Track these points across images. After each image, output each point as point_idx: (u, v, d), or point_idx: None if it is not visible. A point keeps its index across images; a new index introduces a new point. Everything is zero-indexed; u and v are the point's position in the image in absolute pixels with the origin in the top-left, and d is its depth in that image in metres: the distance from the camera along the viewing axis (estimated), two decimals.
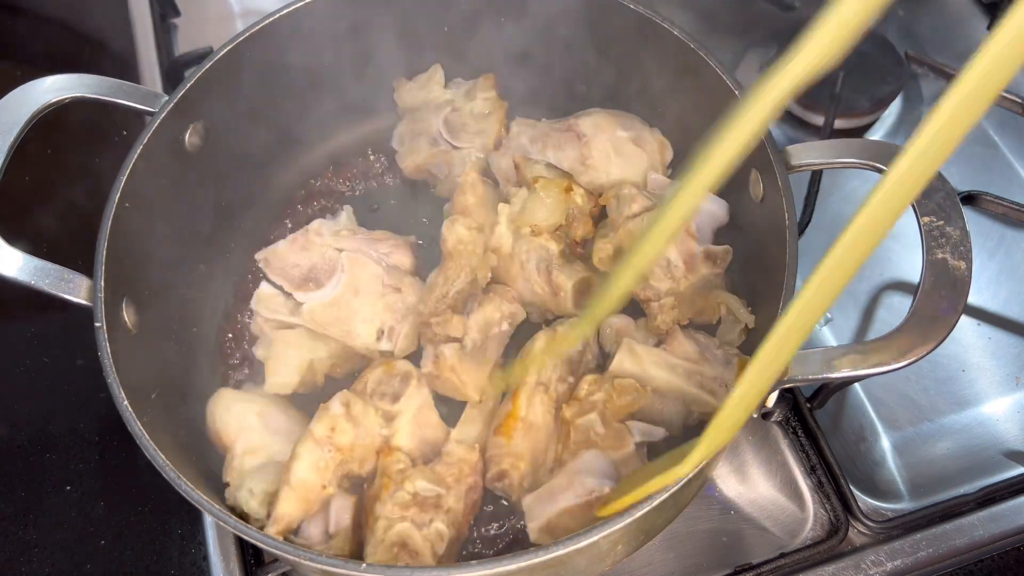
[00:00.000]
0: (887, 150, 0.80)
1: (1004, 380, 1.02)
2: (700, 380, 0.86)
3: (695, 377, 0.86)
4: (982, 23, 1.29)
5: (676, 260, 0.89)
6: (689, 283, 0.89)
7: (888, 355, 0.70)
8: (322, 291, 0.89)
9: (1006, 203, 1.05)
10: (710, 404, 0.85)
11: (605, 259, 0.92)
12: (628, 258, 0.73)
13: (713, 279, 0.92)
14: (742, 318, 0.90)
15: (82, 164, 1.18)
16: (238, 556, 0.90)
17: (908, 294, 1.07)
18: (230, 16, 1.34)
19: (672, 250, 0.88)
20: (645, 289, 0.90)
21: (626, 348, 0.87)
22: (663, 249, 0.84)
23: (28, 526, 0.95)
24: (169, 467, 0.72)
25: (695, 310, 0.92)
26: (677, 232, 0.81)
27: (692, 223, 0.90)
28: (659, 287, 0.89)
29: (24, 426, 1.01)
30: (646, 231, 0.71)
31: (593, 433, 0.84)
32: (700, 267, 0.89)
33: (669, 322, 0.90)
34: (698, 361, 0.88)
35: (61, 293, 0.79)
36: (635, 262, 0.72)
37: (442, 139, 1.04)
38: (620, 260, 0.89)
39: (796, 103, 1.20)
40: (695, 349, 0.89)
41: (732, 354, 0.90)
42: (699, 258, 0.89)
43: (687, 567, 0.91)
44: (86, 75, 0.87)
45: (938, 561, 0.89)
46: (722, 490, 0.95)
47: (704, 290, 0.92)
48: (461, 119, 1.05)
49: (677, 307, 0.90)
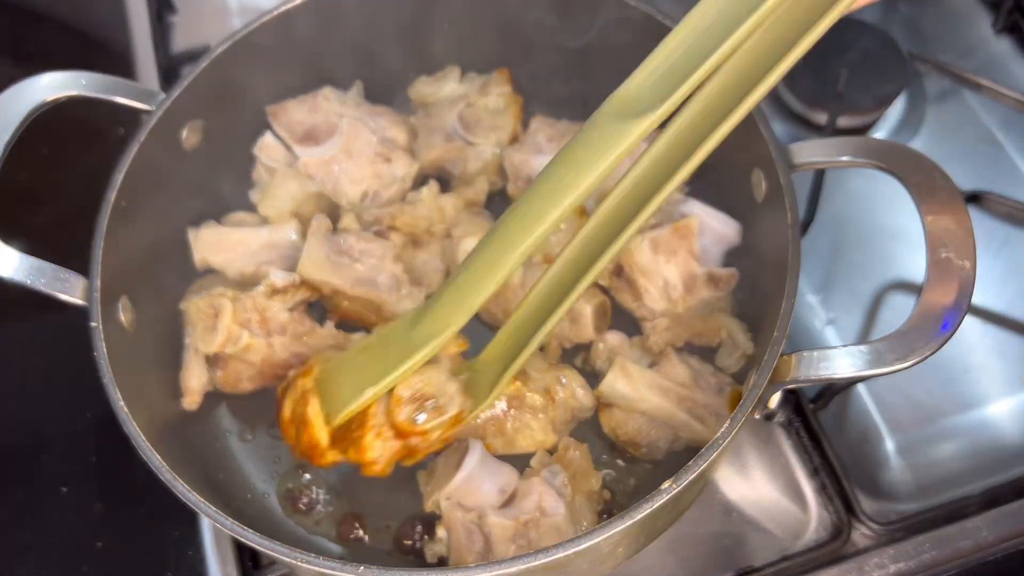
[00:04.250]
0: (891, 149, 0.79)
1: (1009, 380, 1.02)
2: (691, 406, 0.85)
3: (686, 403, 0.85)
4: (986, 21, 1.28)
5: (675, 281, 0.87)
6: (687, 306, 0.87)
7: (892, 355, 0.69)
8: (320, 148, 0.97)
9: (1011, 202, 1.05)
10: (699, 432, 0.84)
11: (605, 273, 0.91)
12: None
13: (715, 302, 0.90)
14: (741, 345, 0.88)
15: (78, 162, 1.18)
16: (235, 558, 0.89)
17: (912, 294, 1.07)
18: (227, 13, 1.34)
19: (672, 270, 0.87)
20: (640, 308, 0.89)
21: (619, 368, 0.86)
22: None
23: (23, 528, 0.94)
24: (165, 469, 0.71)
25: (693, 332, 0.90)
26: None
27: (696, 243, 0.88)
28: (654, 308, 0.88)
29: (19, 427, 1.01)
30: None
31: None
32: (701, 289, 0.88)
33: (662, 344, 0.89)
34: (690, 387, 0.86)
35: (57, 293, 0.78)
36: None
37: (457, 134, 1.03)
38: (618, 277, 0.89)
39: (799, 101, 1.19)
40: (688, 374, 0.87)
41: (726, 383, 0.88)
42: (701, 280, 0.88)
43: (689, 570, 0.90)
44: (82, 73, 0.86)
45: (942, 563, 0.88)
46: (724, 492, 0.94)
47: (704, 312, 0.90)
48: (476, 114, 1.04)
49: (671, 329, 0.89)
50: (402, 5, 1.01)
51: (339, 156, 0.97)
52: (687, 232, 0.87)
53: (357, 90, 1.05)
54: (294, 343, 0.89)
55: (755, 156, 0.85)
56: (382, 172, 0.98)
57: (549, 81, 1.07)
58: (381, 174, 0.98)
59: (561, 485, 0.81)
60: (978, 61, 1.26)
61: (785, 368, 0.72)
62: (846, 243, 1.11)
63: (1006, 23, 1.27)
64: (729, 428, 0.70)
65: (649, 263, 0.87)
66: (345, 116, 0.99)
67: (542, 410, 0.86)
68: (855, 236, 1.12)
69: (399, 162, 0.99)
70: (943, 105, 1.23)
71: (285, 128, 0.99)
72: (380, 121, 1.01)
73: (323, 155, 0.97)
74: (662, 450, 0.87)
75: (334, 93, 1.01)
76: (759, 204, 0.87)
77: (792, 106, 1.21)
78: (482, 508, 0.79)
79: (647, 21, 0.92)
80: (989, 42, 1.27)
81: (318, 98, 1.00)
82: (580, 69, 1.03)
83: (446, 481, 0.81)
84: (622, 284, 0.90)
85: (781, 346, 0.73)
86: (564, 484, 0.81)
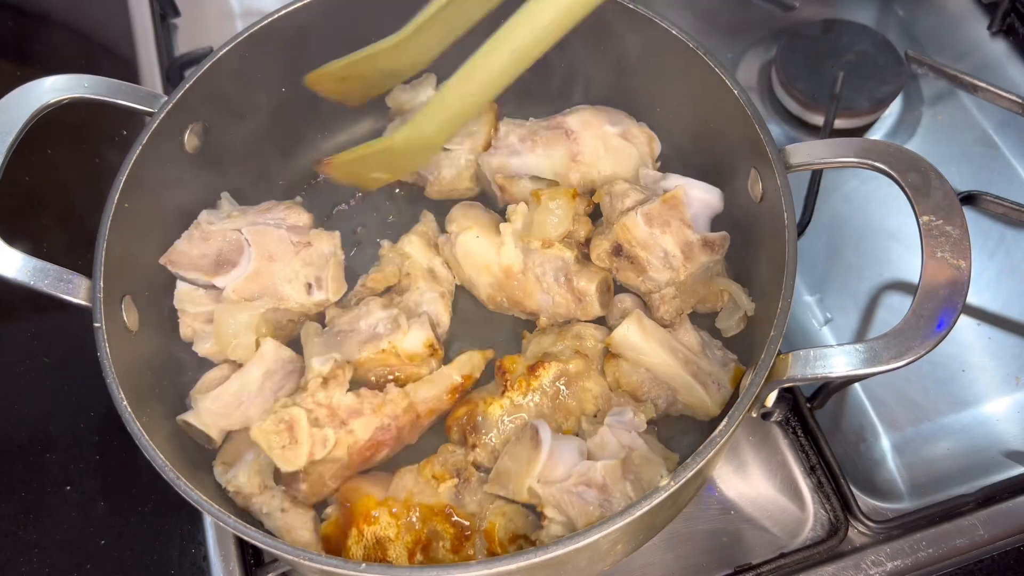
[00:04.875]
0: (887, 150, 0.80)
1: (1004, 380, 1.02)
2: (695, 370, 0.87)
3: (691, 366, 0.87)
4: (982, 23, 1.29)
5: (674, 250, 0.88)
6: (689, 272, 0.89)
7: (888, 354, 0.70)
8: (238, 268, 0.92)
9: (1006, 203, 1.05)
10: (699, 396, 0.86)
11: (603, 256, 0.92)
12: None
13: (713, 266, 0.92)
14: (743, 304, 0.90)
15: (81, 165, 1.18)
16: (238, 556, 0.90)
17: (908, 294, 1.07)
18: (230, 16, 1.34)
19: (668, 240, 0.88)
20: (645, 281, 0.90)
21: (636, 318, 0.88)
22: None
23: (28, 526, 0.95)
24: (168, 467, 0.72)
25: (697, 298, 0.93)
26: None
27: (687, 212, 0.90)
28: (659, 278, 0.89)
29: (24, 426, 1.01)
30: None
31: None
32: (699, 255, 0.89)
33: (672, 312, 0.91)
34: (698, 353, 0.89)
35: (60, 294, 0.79)
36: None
37: None
38: (618, 256, 0.91)
39: (796, 102, 1.20)
40: (698, 342, 0.90)
41: (731, 359, 0.91)
42: (697, 246, 0.89)
43: (687, 567, 0.91)
44: (86, 75, 0.87)
45: (938, 561, 0.89)
46: (722, 490, 0.95)
47: (705, 278, 0.92)
48: None
49: (679, 296, 0.90)
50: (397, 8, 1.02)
51: (261, 265, 0.92)
52: (676, 202, 0.89)
53: (227, 201, 1.00)
54: (372, 418, 0.85)
55: (752, 157, 0.86)
56: (310, 258, 0.94)
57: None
58: (311, 260, 0.94)
59: (632, 418, 0.84)
60: (974, 63, 1.26)
61: (782, 367, 0.73)
62: (842, 243, 1.12)
63: (1002, 25, 1.27)
64: (727, 426, 0.71)
65: (646, 236, 0.88)
66: (241, 228, 0.94)
67: (587, 369, 0.89)
68: (851, 236, 1.12)
69: (319, 240, 0.96)
70: (939, 107, 1.23)
71: (191, 269, 0.92)
72: (274, 215, 0.97)
73: (246, 273, 0.91)
74: (659, 408, 0.89)
75: (212, 213, 0.96)
76: (756, 204, 0.87)
77: (789, 107, 1.22)
78: (580, 469, 0.80)
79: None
80: (985, 44, 1.28)
81: (201, 225, 0.94)
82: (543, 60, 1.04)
83: (531, 466, 0.81)
84: (623, 262, 0.91)
85: (778, 345, 0.73)
86: (635, 413, 0.84)
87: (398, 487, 0.85)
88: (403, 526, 0.82)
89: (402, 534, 0.82)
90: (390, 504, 0.83)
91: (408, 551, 0.81)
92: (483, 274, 0.95)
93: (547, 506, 0.80)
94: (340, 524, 0.84)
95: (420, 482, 0.85)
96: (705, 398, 0.86)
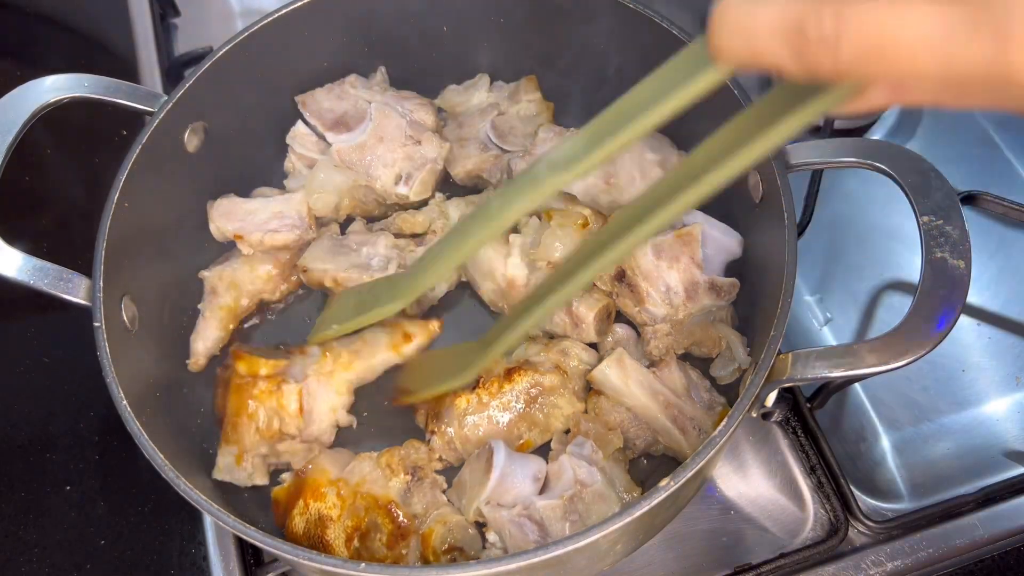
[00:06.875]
0: (888, 150, 0.80)
1: (1004, 380, 1.02)
2: (675, 415, 0.85)
3: (671, 411, 0.85)
4: None
5: (677, 287, 0.87)
6: (688, 312, 0.88)
7: (887, 354, 0.70)
8: (351, 134, 0.99)
9: (1006, 203, 1.05)
10: (677, 441, 0.85)
11: (606, 278, 0.92)
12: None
13: (716, 311, 0.91)
14: (738, 358, 0.89)
15: (81, 164, 1.18)
16: (238, 556, 0.90)
17: (908, 294, 1.07)
18: (230, 15, 1.34)
19: (674, 276, 0.88)
20: (641, 313, 0.90)
21: (616, 359, 0.86)
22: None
23: (28, 526, 0.95)
24: (168, 467, 0.72)
25: (693, 340, 0.91)
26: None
27: (699, 251, 0.88)
28: (655, 312, 0.88)
29: (24, 426, 1.01)
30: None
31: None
32: (702, 297, 0.88)
33: (662, 348, 0.90)
34: (681, 396, 0.87)
35: (60, 293, 0.79)
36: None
37: (491, 143, 1.03)
38: (620, 282, 0.90)
39: None
40: (683, 384, 0.88)
41: (718, 403, 0.89)
42: (702, 288, 0.88)
43: (687, 567, 0.91)
44: (85, 75, 0.87)
45: (938, 561, 0.89)
46: (722, 490, 0.95)
47: (705, 321, 0.90)
48: (508, 122, 1.04)
49: (672, 335, 0.89)
50: (401, 7, 1.02)
51: (370, 141, 0.99)
52: (690, 239, 0.88)
53: (381, 76, 1.07)
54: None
55: None
56: (413, 154, 1.00)
57: (572, 87, 1.08)
58: (412, 156, 1.00)
59: (591, 453, 0.83)
60: None
61: (782, 367, 0.73)
62: (842, 243, 1.12)
63: None
64: (727, 426, 0.71)
65: (651, 268, 0.87)
66: (373, 102, 1.01)
67: (561, 386, 0.88)
68: (851, 236, 1.12)
69: (429, 143, 1.00)
70: None
71: (315, 116, 1.00)
72: (407, 105, 1.03)
73: (355, 141, 0.99)
74: (638, 448, 0.88)
75: (359, 80, 1.03)
76: (756, 205, 0.87)
77: None
78: (525, 499, 0.80)
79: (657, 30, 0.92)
80: None
81: (344, 85, 1.02)
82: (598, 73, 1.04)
83: (481, 487, 0.81)
84: (624, 289, 0.90)
85: (778, 345, 0.73)
86: (593, 450, 0.83)
87: (354, 470, 0.85)
88: (347, 509, 0.82)
89: (344, 517, 0.82)
90: (340, 485, 0.84)
91: (347, 535, 0.82)
92: (487, 280, 0.95)
93: (491, 530, 0.81)
94: (291, 492, 0.85)
95: (375, 471, 0.85)
96: (683, 444, 0.84)
